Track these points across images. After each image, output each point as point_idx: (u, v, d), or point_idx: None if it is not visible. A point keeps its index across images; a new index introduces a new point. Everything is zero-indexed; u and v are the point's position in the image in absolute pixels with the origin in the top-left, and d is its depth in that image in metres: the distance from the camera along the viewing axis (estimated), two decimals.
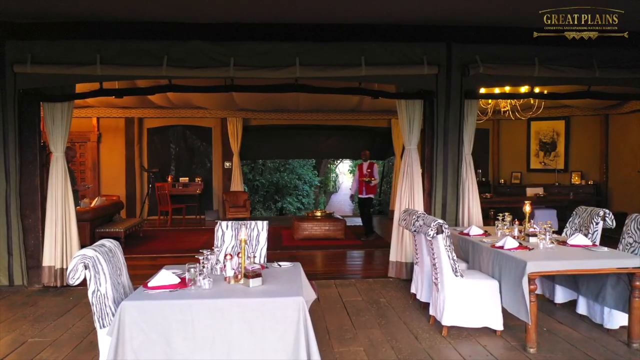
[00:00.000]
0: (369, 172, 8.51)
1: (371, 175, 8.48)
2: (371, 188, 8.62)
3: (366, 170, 8.55)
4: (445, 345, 3.79)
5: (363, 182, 8.50)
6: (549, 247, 4.04)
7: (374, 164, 8.81)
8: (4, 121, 5.31)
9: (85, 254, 2.74)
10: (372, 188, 8.64)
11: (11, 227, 5.40)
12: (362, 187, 8.57)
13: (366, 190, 8.57)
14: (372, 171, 8.55)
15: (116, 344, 2.57)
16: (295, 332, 2.64)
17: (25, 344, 3.86)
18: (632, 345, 3.69)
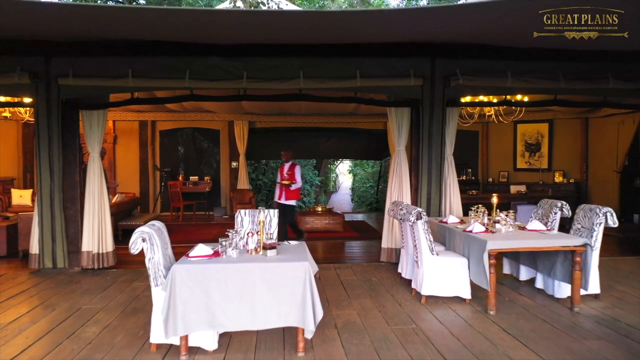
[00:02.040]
0: (289, 175, 7.73)
1: (292, 178, 7.69)
2: (292, 193, 7.69)
3: (286, 173, 7.77)
4: (423, 310, 4.66)
5: (282, 187, 7.72)
6: (510, 231, 4.92)
7: (296, 166, 7.87)
8: (49, 127, 6.19)
9: (143, 230, 3.60)
10: (293, 193, 7.70)
11: (55, 218, 6.28)
12: (282, 192, 7.73)
13: (286, 195, 7.68)
14: (294, 174, 7.73)
15: (169, 296, 3.44)
16: (302, 289, 3.51)
17: (80, 310, 4.73)
18: (574, 309, 4.57)
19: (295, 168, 7.81)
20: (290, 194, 7.70)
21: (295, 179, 7.72)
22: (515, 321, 4.31)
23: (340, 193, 31.11)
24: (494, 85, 6.53)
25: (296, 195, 7.79)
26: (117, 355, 3.61)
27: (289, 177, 7.73)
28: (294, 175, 7.73)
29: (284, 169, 7.88)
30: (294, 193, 7.73)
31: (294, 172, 7.76)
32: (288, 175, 7.74)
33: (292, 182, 7.68)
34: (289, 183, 7.66)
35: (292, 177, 7.73)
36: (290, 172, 7.76)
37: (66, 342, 3.89)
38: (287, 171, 7.80)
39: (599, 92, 6.78)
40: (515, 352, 3.61)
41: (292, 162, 7.93)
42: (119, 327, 4.22)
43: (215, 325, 3.49)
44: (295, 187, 7.75)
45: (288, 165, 7.87)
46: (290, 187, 7.67)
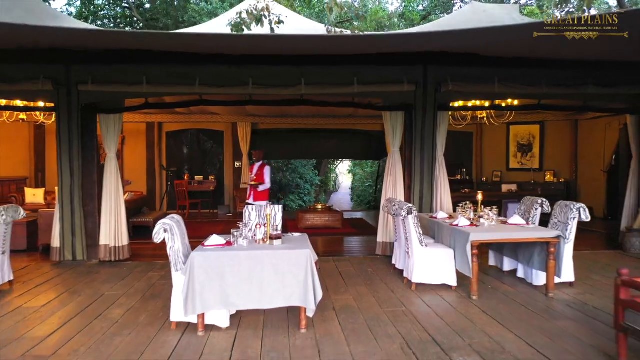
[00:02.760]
0: (257, 175, 7.48)
1: (260, 179, 7.44)
2: (260, 194, 7.46)
3: (255, 173, 7.54)
4: (413, 295, 5.16)
5: (252, 187, 7.53)
6: (492, 225, 5.42)
7: (266, 166, 7.57)
8: (69, 130, 6.70)
9: (165, 222, 4.10)
10: (261, 194, 7.47)
11: (75, 214, 6.78)
12: (250, 193, 7.54)
13: (254, 196, 7.44)
14: (262, 174, 7.46)
15: (188, 279, 3.95)
16: (304, 273, 4.01)
17: (103, 296, 5.23)
18: (549, 295, 5.07)
19: (264, 168, 7.50)
20: (258, 195, 7.42)
21: (264, 180, 7.44)
22: (495, 305, 4.81)
23: (341, 192, 31.62)
24: (481, 90, 7.04)
25: (265, 197, 7.49)
26: (142, 332, 4.11)
27: (257, 177, 7.46)
28: (262, 176, 7.44)
29: (253, 169, 7.62)
30: (262, 194, 7.45)
31: (263, 172, 7.46)
32: (256, 175, 7.48)
33: (260, 182, 7.41)
34: (256, 184, 7.41)
35: (261, 177, 7.44)
36: (259, 173, 7.48)
37: (95, 321, 4.39)
38: (255, 171, 7.52)
39: (580, 97, 7.30)
40: (492, 329, 4.11)
41: (262, 162, 7.66)
42: (140, 310, 4.72)
43: (228, 304, 4.00)
44: (264, 188, 7.47)
45: (258, 165, 7.58)
46: (258, 188, 7.43)
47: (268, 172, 7.52)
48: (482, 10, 9.88)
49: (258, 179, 7.45)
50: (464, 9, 10.49)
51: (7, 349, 3.74)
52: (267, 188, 7.53)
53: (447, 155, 7.39)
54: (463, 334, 4.00)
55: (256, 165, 7.61)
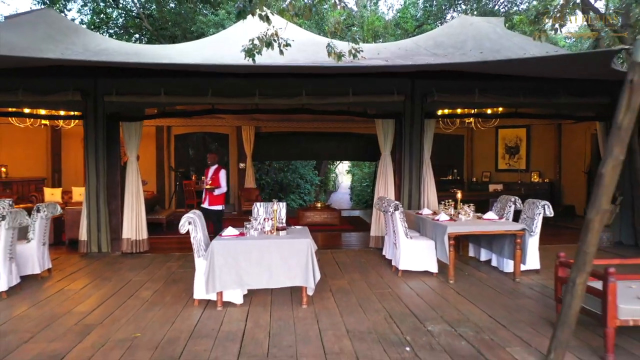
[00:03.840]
0: (213, 179, 7.44)
1: (216, 183, 7.40)
2: (215, 197, 7.40)
3: (210, 177, 7.49)
4: (399, 280, 5.97)
5: (207, 191, 7.48)
6: (469, 219, 6.24)
7: (222, 170, 7.53)
8: (96, 136, 7.52)
9: (189, 216, 4.92)
10: (217, 197, 7.41)
11: (100, 211, 7.60)
12: (206, 196, 7.52)
13: (209, 200, 7.41)
14: (218, 178, 7.42)
15: (209, 263, 4.76)
16: (305, 258, 4.83)
17: (131, 281, 6.04)
18: (515, 279, 5.88)
19: (220, 172, 7.45)
20: (213, 199, 7.39)
21: (219, 184, 7.40)
22: (468, 287, 5.63)
23: (340, 192, 32.43)
24: (463, 100, 7.86)
25: (220, 201, 7.44)
26: (169, 308, 4.92)
27: (212, 181, 7.41)
28: (218, 180, 7.40)
29: (208, 173, 7.56)
30: (217, 198, 7.41)
31: (219, 176, 7.41)
32: (212, 179, 7.43)
33: (215, 186, 7.37)
34: (211, 187, 7.35)
35: (217, 181, 7.40)
36: (214, 176, 7.43)
37: (129, 300, 5.21)
38: (211, 175, 7.46)
39: (553, 106, 8.10)
40: (462, 306, 4.93)
41: (217, 165, 7.61)
42: (165, 292, 5.54)
43: (242, 284, 4.82)
44: (220, 192, 7.42)
45: (213, 168, 7.54)
46: (214, 191, 7.38)
47: (224, 176, 7.48)
48: (469, 24, 10.68)
49: (214, 182, 7.36)
50: (452, 22, 11.27)
51: (62, 319, 4.56)
52: (223, 192, 7.44)
53: (439, 157, 8.20)
54: (437, 309, 4.82)
55: (211, 169, 7.51)
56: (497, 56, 8.44)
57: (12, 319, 4.61)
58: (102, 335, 4.14)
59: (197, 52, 8.55)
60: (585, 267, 3.09)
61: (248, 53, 5.54)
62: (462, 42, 9.43)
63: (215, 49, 8.66)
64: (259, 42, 5.68)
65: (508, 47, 9.06)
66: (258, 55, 5.51)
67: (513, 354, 3.69)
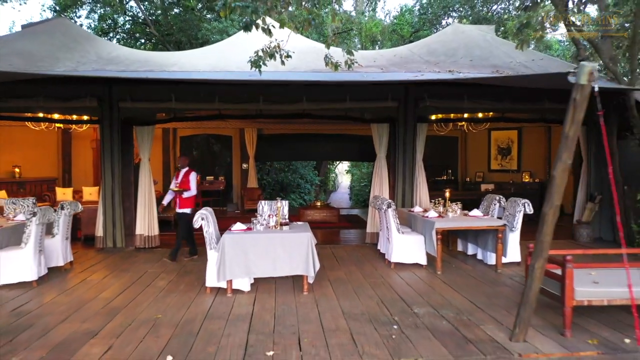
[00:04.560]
0: (182, 182, 7.38)
1: (185, 185, 7.34)
2: (185, 200, 7.35)
3: (180, 180, 7.43)
4: (391, 272, 6.55)
5: (176, 194, 7.39)
6: (456, 216, 6.81)
7: (191, 172, 7.46)
8: (111, 139, 8.09)
9: (202, 212, 5.50)
10: (186, 200, 7.36)
11: (115, 209, 8.17)
12: (175, 199, 7.48)
13: (179, 203, 7.37)
14: (188, 180, 7.37)
15: (220, 255, 5.34)
16: (306, 250, 5.40)
17: (147, 273, 6.62)
18: (497, 271, 6.46)
19: (190, 175, 7.42)
20: (183, 202, 7.37)
21: (189, 187, 7.37)
22: (454, 277, 6.21)
23: (340, 192, 32.97)
24: (453, 106, 8.43)
25: (190, 204, 7.44)
26: (184, 295, 5.49)
27: (181, 183, 7.38)
28: (188, 182, 7.37)
29: (178, 175, 7.55)
30: (187, 201, 7.39)
31: (188, 179, 7.39)
32: (181, 182, 7.41)
33: (184, 189, 7.35)
34: (179, 190, 7.34)
35: (186, 184, 7.37)
36: (184, 179, 7.41)
37: (147, 289, 5.78)
38: (181, 178, 7.45)
39: (537, 111, 8.68)
40: (446, 293, 5.50)
41: (188, 168, 7.55)
42: (179, 282, 6.11)
43: (249, 273, 5.40)
44: (189, 195, 7.39)
45: (183, 171, 7.50)
46: (183, 194, 7.35)
47: (194, 179, 7.46)
48: (461, 32, 11.31)
49: (183, 185, 7.35)
50: (446, 30, 11.86)
51: (89, 304, 5.14)
52: (192, 195, 7.45)
53: (434, 158, 8.75)
54: (424, 295, 5.40)
55: (182, 172, 7.50)
56: (485, 64, 9.08)
57: (46, 304, 5.18)
58: (127, 317, 4.72)
59: (205, 59, 9.16)
60: (542, 253, 3.66)
61: (254, 64, 6.11)
62: (454, 49, 10.05)
63: (221, 56, 9.28)
64: (263, 54, 6.25)
65: (496, 55, 9.68)
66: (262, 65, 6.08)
67: (486, 330, 4.27)
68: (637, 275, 4.23)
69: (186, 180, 7.40)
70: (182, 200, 7.38)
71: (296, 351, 3.85)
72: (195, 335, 4.21)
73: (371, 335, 4.17)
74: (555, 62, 9.70)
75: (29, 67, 8.08)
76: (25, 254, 5.79)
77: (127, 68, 8.26)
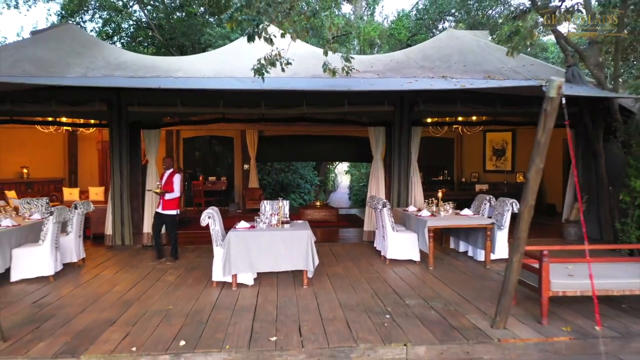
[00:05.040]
0: (166, 183, 7.37)
1: (169, 187, 7.32)
2: (168, 202, 7.33)
3: (164, 181, 7.42)
4: (386, 267, 6.94)
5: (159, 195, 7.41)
6: (447, 215, 7.20)
7: (176, 174, 7.46)
8: (120, 142, 8.48)
9: (209, 211, 5.89)
10: (169, 202, 7.33)
11: (123, 208, 8.56)
12: (159, 201, 7.47)
13: (163, 204, 7.36)
14: (172, 182, 7.34)
15: (226, 251, 5.73)
16: (306, 246, 5.80)
17: (155, 269, 7.00)
18: (486, 266, 6.85)
19: (174, 176, 7.40)
20: (166, 204, 7.36)
21: (172, 188, 7.34)
22: (445, 273, 6.60)
23: (340, 192, 33.32)
24: (446, 110, 8.82)
25: (173, 205, 7.41)
26: (192, 288, 5.89)
27: (165, 185, 7.37)
28: (171, 184, 7.34)
29: (163, 177, 7.52)
30: (170, 202, 7.37)
31: (172, 180, 7.36)
32: (165, 183, 7.39)
33: (167, 190, 7.32)
34: (162, 192, 7.31)
35: (170, 185, 7.35)
36: (168, 181, 7.38)
37: (157, 283, 6.17)
38: (165, 179, 7.43)
39: (526, 114, 9.06)
40: (437, 286, 5.90)
41: (172, 170, 7.55)
42: (187, 277, 6.50)
43: (253, 268, 5.79)
44: (172, 197, 7.35)
45: (168, 172, 7.49)
46: (165, 196, 7.34)
47: (178, 181, 7.42)
48: (455, 37, 11.71)
49: (166, 186, 7.34)
50: (441, 36, 12.26)
51: (105, 296, 5.53)
52: (175, 197, 7.41)
53: (431, 158, 9.12)
54: (415, 289, 5.79)
55: (166, 173, 7.49)
56: (477, 69, 9.49)
57: (64, 296, 5.58)
58: (141, 307, 5.11)
59: (209, 64, 9.56)
60: (519, 248, 4.05)
61: (257, 72, 6.51)
62: (448, 55, 10.46)
63: (225, 61, 9.67)
64: (265, 62, 6.65)
65: (489, 60, 10.09)
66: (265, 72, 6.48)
67: (470, 319, 4.67)
68: (614, 269, 4.63)
69: (170, 181, 7.37)
70: (165, 201, 7.34)
71: (297, 337, 4.25)
72: (204, 323, 4.60)
73: (365, 323, 4.57)
74: (544, 67, 10.09)
75: (42, 73, 8.50)
76: (43, 251, 6.19)
77: (134, 74, 8.67)
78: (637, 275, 4.64)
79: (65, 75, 8.45)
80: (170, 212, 7.40)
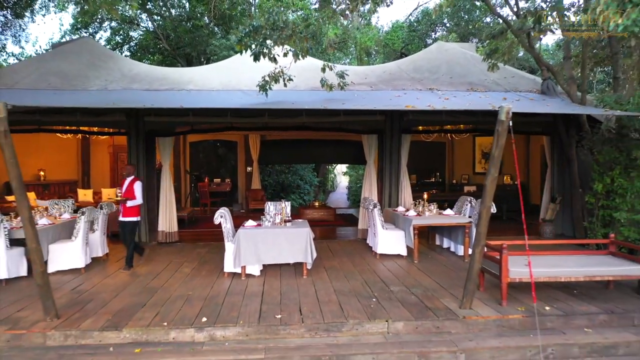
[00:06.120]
0: (127, 190, 7.31)
1: (130, 194, 7.27)
2: (129, 209, 7.30)
3: (125, 188, 7.35)
4: (377, 261, 7.84)
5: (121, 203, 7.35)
6: (431, 214, 8.10)
7: (137, 181, 7.40)
8: (137, 148, 9.37)
9: (221, 211, 6.79)
10: (130, 210, 7.30)
11: (141, 209, 9.43)
12: (121, 208, 7.41)
13: (123, 211, 7.32)
14: (132, 189, 7.30)
15: (236, 246, 6.63)
16: (305, 242, 6.70)
17: (172, 262, 7.90)
18: (465, 260, 7.75)
19: (135, 184, 7.35)
20: (127, 211, 7.32)
21: (134, 196, 7.31)
22: (428, 265, 7.50)
23: (338, 192, 34.17)
24: (432, 119, 9.73)
25: (134, 213, 7.39)
26: (206, 278, 6.78)
27: (126, 192, 7.32)
28: (132, 191, 7.31)
29: (123, 184, 7.46)
30: (131, 210, 7.34)
31: (133, 187, 7.32)
32: (126, 190, 7.34)
33: (128, 198, 7.29)
34: (123, 199, 7.29)
35: (131, 192, 7.31)
36: (129, 188, 7.34)
37: (175, 273, 7.07)
38: (126, 186, 7.38)
39: None
40: (419, 277, 6.80)
41: (133, 177, 7.50)
42: (201, 269, 7.40)
43: (260, 260, 6.70)
44: (133, 204, 7.32)
45: (129, 180, 7.44)
46: (127, 203, 7.30)
47: (139, 188, 7.40)
48: (444, 50, 12.61)
49: (127, 194, 7.30)
50: (431, 47, 13.16)
51: (132, 285, 6.43)
52: (137, 204, 7.40)
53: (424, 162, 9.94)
54: (400, 279, 6.69)
55: (127, 180, 7.44)
56: (462, 81, 10.39)
57: (96, 285, 6.47)
58: (165, 293, 6.01)
59: (217, 77, 10.44)
60: (480, 241, 4.96)
61: (262, 88, 7.41)
62: (437, 66, 11.36)
63: (232, 73, 10.55)
64: (269, 79, 7.55)
65: (473, 72, 10.99)
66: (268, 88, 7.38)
67: (443, 302, 5.57)
68: (566, 260, 5.52)
69: (131, 189, 7.32)
70: (126, 209, 7.33)
71: (298, 315, 5.15)
72: (220, 305, 5.50)
73: (355, 305, 5.47)
74: (524, 79, 10.98)
75: (65, 86, 9.40)
76: (76, 246, 7.08)
77: (150, 86, 9.55)
78: (582, 265, 5.54)
79: (87, 88, 9.34)
80: (130, 219, 7.37)
